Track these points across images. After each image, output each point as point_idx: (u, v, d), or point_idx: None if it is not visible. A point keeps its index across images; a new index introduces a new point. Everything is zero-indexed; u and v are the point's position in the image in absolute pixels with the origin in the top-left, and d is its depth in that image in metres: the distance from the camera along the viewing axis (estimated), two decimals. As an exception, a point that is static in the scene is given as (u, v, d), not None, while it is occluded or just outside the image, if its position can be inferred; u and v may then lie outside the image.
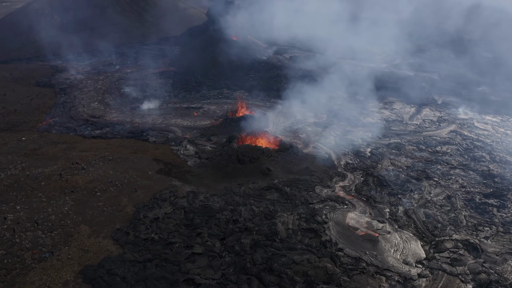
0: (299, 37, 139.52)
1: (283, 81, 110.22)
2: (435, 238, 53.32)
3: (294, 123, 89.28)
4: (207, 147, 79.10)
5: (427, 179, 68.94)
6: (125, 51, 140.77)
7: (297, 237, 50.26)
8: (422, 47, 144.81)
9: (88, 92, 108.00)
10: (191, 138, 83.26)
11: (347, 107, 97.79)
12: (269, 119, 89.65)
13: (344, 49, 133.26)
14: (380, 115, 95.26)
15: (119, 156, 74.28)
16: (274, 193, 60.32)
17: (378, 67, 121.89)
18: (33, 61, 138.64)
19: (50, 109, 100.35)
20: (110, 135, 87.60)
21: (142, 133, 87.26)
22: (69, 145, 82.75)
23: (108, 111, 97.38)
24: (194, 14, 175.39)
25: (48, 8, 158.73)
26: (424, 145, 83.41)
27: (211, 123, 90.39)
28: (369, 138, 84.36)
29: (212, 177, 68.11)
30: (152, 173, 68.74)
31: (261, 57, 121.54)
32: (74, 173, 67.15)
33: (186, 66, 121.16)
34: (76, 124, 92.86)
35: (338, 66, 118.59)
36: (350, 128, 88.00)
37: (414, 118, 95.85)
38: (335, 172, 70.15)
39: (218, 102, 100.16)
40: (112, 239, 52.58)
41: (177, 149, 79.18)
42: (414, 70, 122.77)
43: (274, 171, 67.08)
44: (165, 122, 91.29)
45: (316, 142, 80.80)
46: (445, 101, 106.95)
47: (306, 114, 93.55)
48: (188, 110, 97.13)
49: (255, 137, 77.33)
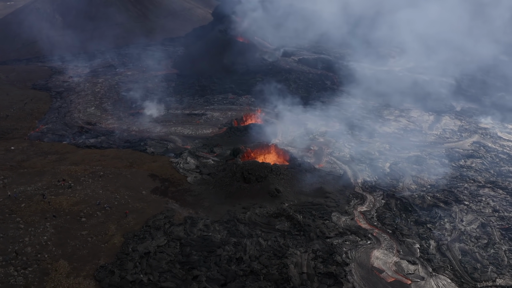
0: (309, 38, 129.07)
1: (292, 85, 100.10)
2: (476, 284, 43.20)
3: (304, 132, 79.22)
4: (209, 161, 69.35)
5: (456, 202, 58.77)
6: (127, 52, 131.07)
7: (313, 284, 40.29)
8: (435, 49, 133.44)
9: (85, 96, 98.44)
10: (192, 149, 73.56)
11: (361, 115, 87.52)
12: (277, 128, 79.76)
13: (355, 51, 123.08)
14: (397, 124, 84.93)
15: (111, 171, 64.66)
16: (285, 221, 50.30)
17: (392, 70, 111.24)
18: (32, 62, 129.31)
19: (44, 114, 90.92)
20: (106, 144, 78.11)
21: (140, 142, 77.76)
22: (60, 156, 73.34)
23: (104, 117, 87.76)
24: (200, 14, 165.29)
25: (49, 7, 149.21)
26: (446, 159, 73.19)
27: (214, 132, 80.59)
28: (387, 151, 74.24)
29: (213, 198, 58.36)
30: (146, 192, 59.04)
31: (269, 60, 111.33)
32: (59, 192, 57.64)
33: (189, 68, 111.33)
34: (70, 131, 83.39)
35: (350, 70, 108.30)
36: (365, 139, 77.83)
37: (434, 127, 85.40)
38: (352, 192, 60.14)
39: (223, 109, 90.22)
40: (94, 280, 43.05)
41: (176, 162, 69.60)
42: (429, 74, 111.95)
43: (283, 192, 57.16)
44: (164, 130, 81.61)
45: (329, 156, 70.77)
46: (464, 108, 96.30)
47: (317, 122, 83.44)
48: (190, 117, 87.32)
49: (262, 150, 67.41)
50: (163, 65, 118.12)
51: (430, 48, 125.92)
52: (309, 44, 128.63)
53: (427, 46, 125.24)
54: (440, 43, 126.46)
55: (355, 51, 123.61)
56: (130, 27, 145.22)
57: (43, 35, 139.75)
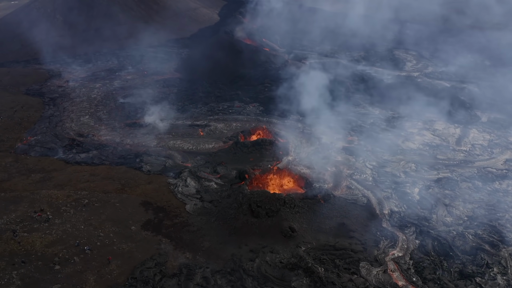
0: (318, 40, 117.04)
1: (303, 92, 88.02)
2: None
3: (319, 148, 67.67)
4: (212, 184, 58.12)
5: (503, 243, 47.16)
6: (129, 53, 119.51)
7: None
8: (452, 52, 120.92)
9: (80, 102, 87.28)
10: (193, 168, 62.40)
11: (381, 127, 75.69)
12: (288, 143, 68.30)
13: (369, 54, 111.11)
14: (422, 138, 73.03)
15: (98, 198, 53.64)
16: (302, 276, 38.96)
17: (410, 76, 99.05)
18: (30, 63, 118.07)
19: (34, 124, 79.96)
20: (97, 160, 67.11)
21: (135, 158, 66.72)
22: (45, 174, 62.49)
23: (98, 128, 76.64)
24: (206, 14, 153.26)
25: (50, 7, 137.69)
26: (480, 181, 61.56)
27: (218, 146, 69.24)
28: (413, 172, 62.62)
29: (216, 235, 47.16)
30: (136, 228, 47.93)
31: (278, 64, 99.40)
32: (34, 228, 46.77)
33: (193, 73, 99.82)
34: (60, 144, 72.43)
35: (365, 75, 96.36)
36: (388, 157, 66.17)
37: (462, 142, 73.43)
38: (380, 228, 48.67)
39: (228, 119, 78.69)
40: None
41: (174, 183, 58.58)
42: (449, 80, 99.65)
43: (299, 230, 45.77)
44: (163, 144, 70.42)
45: (349, 179, 59.24)
46: (491, 119, 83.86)
47: (333, 136, 71.79)
48: (192, 128, 75.96)
49: (273, 175, 55.95)
50: (166, 68, 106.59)
51: (448, 52, 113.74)
52: (320, 46, 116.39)
53: (445, 49, 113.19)
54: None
55: (370, 54, 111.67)
56: (133, 27, 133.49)
57: (43, 36, 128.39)
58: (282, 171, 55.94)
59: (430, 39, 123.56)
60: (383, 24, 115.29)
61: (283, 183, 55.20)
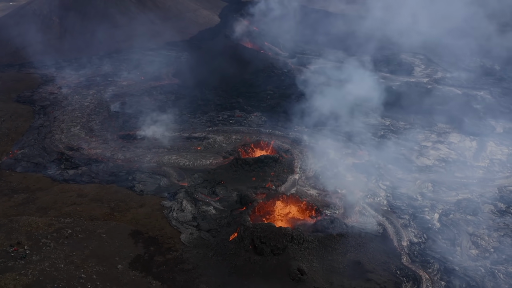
0: (323, 43, 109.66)
1: (308, 101, 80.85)
2: None
3: (327, 166, 60.56)
4: (210, 209, 51.16)
5: (541, 283, 40.32)
6: (126, 57, 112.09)
7: None
8: (461, 56, 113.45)
9: (72, 111, 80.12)
10: (190, 189, 55.57)
11: (392, 141, 68.48)
12: (294, 160, 61.23)
13: (375, 58, 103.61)
14: (437, 153, 65.90)
15: (83, 228, 46.72)
16: (316, 338, 32.17)
17: (419, 82, 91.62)
18: (25, 67, 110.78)
19: (22, 135, 72.88)
20: (87, 178, 60.23)
21: (127, 176, 59.86)
22: (30, 195, 55.74)
23: (89, 140, 69.59)
24: (206, 15, 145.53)
25: (46, 8, 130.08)
26: (503, 203, 54.86)
27: (217, 162, 62.17)
28: (431, 193, 55.68)
29: (213, 275, 40.27)
30: (123, 266, 41.01)
31: (281, 69, 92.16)
32: (8, 266, 39.83)
33: (192, 78, 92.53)
34: (48, 158, 65.53)
35: (372, 81, 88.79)
36: (402, 175, 59.15)
37: (479, 157, 66.26)
38: (400, 266, 41.77)
39: (228, 130, 71.56)
40: None
41: (169, 207, 51.74)
42: (460, 86, 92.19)
43: (309, 272, 38.79)
44: (157, 159, 63.33)
45: (361, 202, 52.21)
46: (506, 130, 76.57)
47: (341, 150, 64.78)
48: (189, 141, 68.88)
49: (278, 202, 48.90)
50: (164, 73, 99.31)
51: (457, 56, 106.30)
52: (324, 50, 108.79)
53: (455, 53, 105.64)
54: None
55: (375, 58, 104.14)
56: (131, 29, 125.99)
57: (39, 38, 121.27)
58: (289, 199, 48.79)
59: (436, 41, 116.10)
60: (391, 27, 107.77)
61: (289, 211, 48.08)
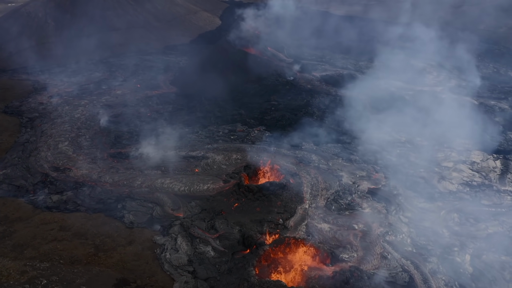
0: (329, 48, 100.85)
1: (316, 113, 72.52)
2: None
3: (340, 192, 52.12)
4: (209, 249, 42.77)
5: None
6: (122, 62, 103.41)
7: None
8: (474, 60, 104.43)
9: (61, 124, 71.67)
10: (185, 221, 47.25)
11: (410, 160, 59.97)
12: (302, 185, 52.67)
13: (384, 64, 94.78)
14: (460, 176, 57.33)
15: (60, 277, 38.44)
16: None
17: (433, 91, 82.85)
18: (18, 73, 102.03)
19: (6, 152, 64.45)
20: (71, 205, 52.07)
21: (117, 203, 51.57)
22: (7, 227, 47.69)
23: (76, 159, 61.16)
24: (207, 17, 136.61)
25: (41, 11, 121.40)
26: (540, 237, 46.20)
27: (216, 188, 53.73)
28: (458, 226, 47.34)
29: None
30: (101, 334, 32.71)
31: (285, 77, 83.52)
32: (-41, 334, 31.47)
33: (191, 87, 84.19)
34: (31, 181, 57.32)
35: (382, 90, 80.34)
36: (424, 204, 50.67)
37: (505, 179, 57.69)
38: (434, 331, 33.40)
39: (228, 149, 62.98)
40: None
41: (162, 244, 43.48)
42: (477, 95, 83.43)
43: None
44: (149, 183, 54.99)
45: (382, 241, 43.76)
46: (530, 145, 68.25)
47: (355, 172, 56.30)
48: (186, 161, 60.39)
49: (288, 248, 40.40)
50: (161, 81, 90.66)
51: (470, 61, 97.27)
52: (330, 55, 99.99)
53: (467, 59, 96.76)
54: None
55: (384, 64, 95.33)
56: (129, 33, 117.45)
57: (33, 42, 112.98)
58: (298, 244, 40.29)
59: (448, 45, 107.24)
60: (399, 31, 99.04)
61: (300, 258, 39.58)
